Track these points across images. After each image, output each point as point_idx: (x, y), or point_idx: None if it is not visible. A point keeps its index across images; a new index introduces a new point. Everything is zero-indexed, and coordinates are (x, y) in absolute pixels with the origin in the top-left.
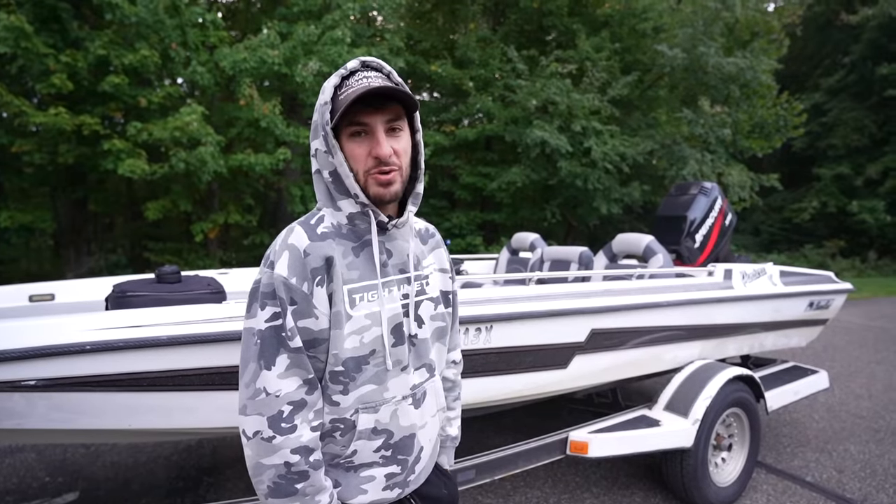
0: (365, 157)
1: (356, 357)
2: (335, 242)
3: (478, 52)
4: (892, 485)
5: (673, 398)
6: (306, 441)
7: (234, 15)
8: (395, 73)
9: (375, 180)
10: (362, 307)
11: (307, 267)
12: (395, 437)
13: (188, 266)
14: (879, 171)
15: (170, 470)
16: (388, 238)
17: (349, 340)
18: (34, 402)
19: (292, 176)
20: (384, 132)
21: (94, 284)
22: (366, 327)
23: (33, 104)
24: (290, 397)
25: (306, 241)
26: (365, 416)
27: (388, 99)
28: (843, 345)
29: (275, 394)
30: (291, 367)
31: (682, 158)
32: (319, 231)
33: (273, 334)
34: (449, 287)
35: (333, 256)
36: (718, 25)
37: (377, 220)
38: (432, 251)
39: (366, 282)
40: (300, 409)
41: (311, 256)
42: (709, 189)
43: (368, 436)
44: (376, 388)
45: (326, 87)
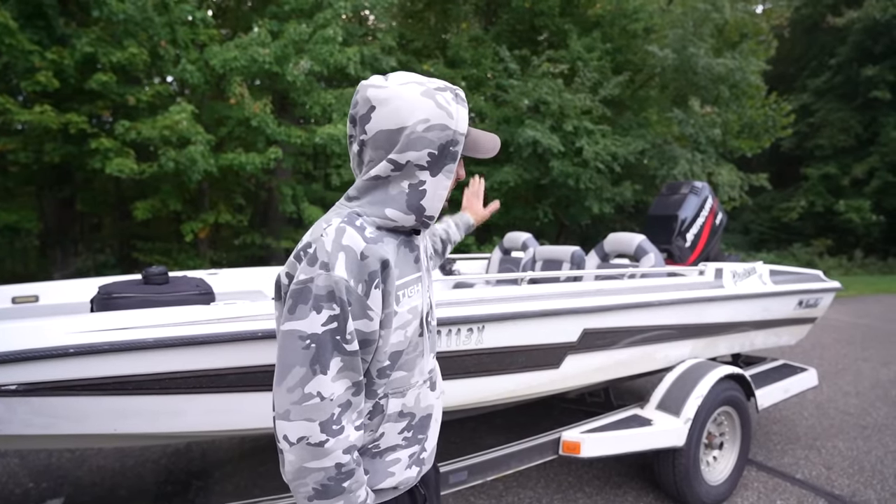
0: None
1: (398, 350)
2: (385, 244)
3: (470, 52)
4: (879, 481)
5: (665, 397)
6: (354, 440)
7: (224, 13)
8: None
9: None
10: (405, 303)
11: (365, 269)
12: (416, 418)
13: (178, 266)
14: (865, 171)
15: (158, 474)
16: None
17: (395, 335)
18: (14, 407)
19: (283, 175)
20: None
21: (79, 286)
22: (408, 321)
23: (18, 102)
24: (340, 400)
25: (363, 244)
26: (394, 400)
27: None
28: (830, 343)
29: (329, 398)
30: (344, 369)
31: (673, 158)
32: (369, 235)
33: (330, 338)
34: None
35: (389, 259)
36: (708, 27)
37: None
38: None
39: (406, 278)
40: (346, 409)
41: (369, 259)
42: (699, 188)
43: (395, 419)
44: (406, 374)
45: (458, 116)
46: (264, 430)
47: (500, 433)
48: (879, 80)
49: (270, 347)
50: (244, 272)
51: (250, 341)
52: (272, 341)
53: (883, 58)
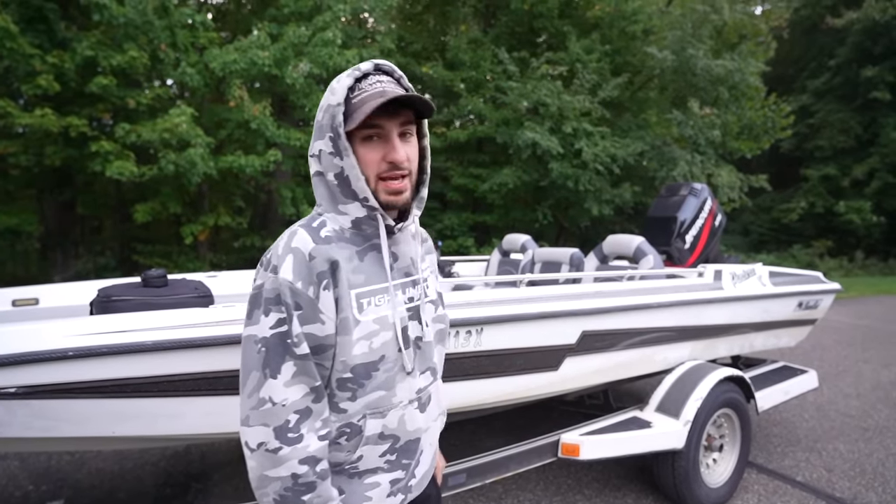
0: (378, 162)
1: (366, 363)
2: (338, 246)
3: (469, 54)
4: (880, 483)
5: (664, 399)
6: (314, 451)
7: (224, 16)
8: (405, 77)
9: (386, 188)
10: (370, 312)
11: (313, 271)
12: (401, 442)
13: (178, 268)
14: (865, 172)
15: (157, 476)
16: (394, 242)
17: (358, 346)
18: (14, 409)
19: (283, 178)
20: (398, 137)
21: (79, 288)
22: (374, 332)
23: (19, 105)
24: (297, 406)
25: (311, 244)
26: (373, 421)
27: (404, 104)
28: (831, 344)
29: (281, 403)
30: (298, 374)
31: (672, 160)
32: (323, 234)
33: (279, 341)
34: (440, 289)
35: (339, 260)
36: (707, 28)
37: (385, 223)
38: (427, 254)
39: (373, 286)
40: (306, 417)
41: (316, 260)
42: (698, 190)
43: (375, 441)
44: (385, 393)
45: (338, 88)
46: None
47: (499, 435)
48: (879, 81)
49: None
50: (243, 275)
51: None
52: None
53: (882, 59)
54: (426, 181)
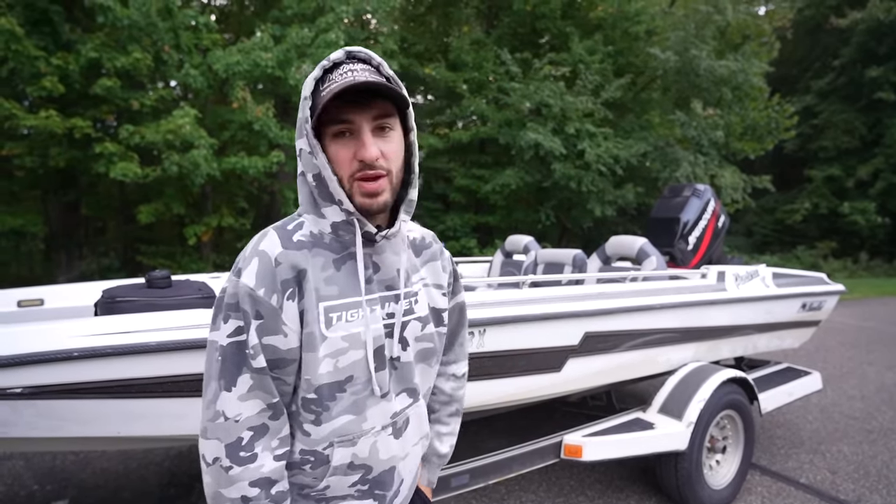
0: (349, 160)
1: (330, 383)
2: (311, 253)
3: (471, 55)
4: (885, 486)
5: (667, 401)
6: (268, 472)
7: (227, 18)
8: (386, 64)
9: (361, 189)
10: (339, 328)
11: (277, 278)
12: (374, 472)
13: (181, 269)
14: (870, 173)
15: (161, 476)
16: (376, 251)
17: (324, 365)
18: (20, 410)
19: (286, 179)
20: (371, 132)
21: (83, 289)
22: (342, 350)
23: (24, 107)
24: (251, 422)
25: (279, 249)
26: (341, 450)
27: (377, 94)
28: (835, 346)
29: (234, 418)
30: (254, 388)
31: (675, 161)
32: (296, 238)
33: (235, 351)
34: (442, 304)
35: (307, 269)
36: (710, 29)
37: (363, 230)
38: (426, 264)
39: (346, 299)
40: (262, 435)
41: (282, 266)
42: (701, 191)
43: (344, 471)
44: (354, 418)
45: (308, 80)
46: None
47: (501, 437)
48: (884, 82)
49: None
50: None
51: None
52: None
53: (887, 59)
54: (414, 182)
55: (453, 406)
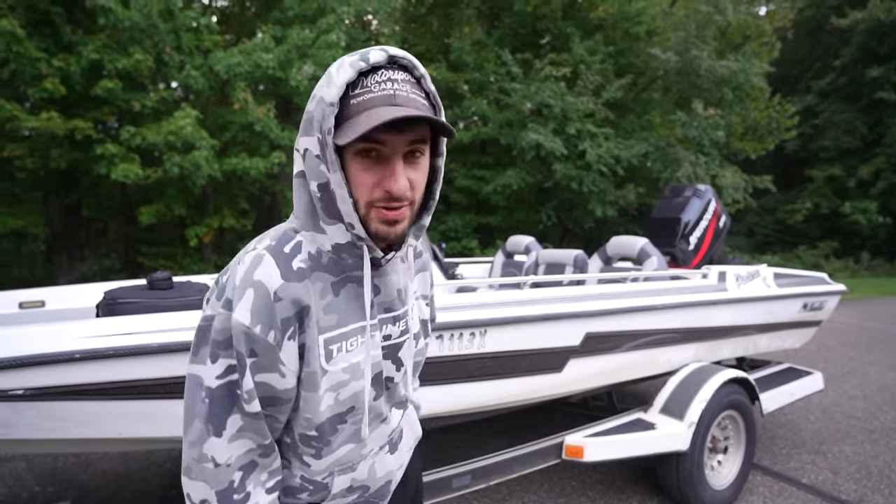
0: (371, 187)
1: (331, 417)
2: (311, 282)
3: (472, 56)
4: (887, 486)
5: (668, 401)
6: None
7: (228, 19)
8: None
9: (380, 216)
10: (340, 360)
11: (276, 315)
12: (372, 490)
13: (183, 270)
14: (871, 173)
15: (163, 478)
16: (379, 273)
17: (326, 402)
18: (21, 411)
19: (287, 180)
20: (402, 158)
21: (85, 291)
22: (343, 383)
23: (25, 108)
24: (241, 461)
25: (278, 281)
26: (341, 477)
27: (426, 121)
28: (836, 346)
29: (225, 464)
30: (245, 430)
31: (676, 161)
32: (296, 267)
33: (226, 393)
34: (426, 315)
35: (310, 305)
36: (711, 29)
37: (371, 255)
38: (418, 274)
39: (345, 328)
40: (251, 471)
41: (283, 302)
42: (702, 191)
43: (343, 495)
44: (355, 446)
45: (335, 80)
46: None
47: (502, 437)
48: (885, 81)
49: None
50: None
51: None
52: None
53: (888, 59)
54: (432, 207)
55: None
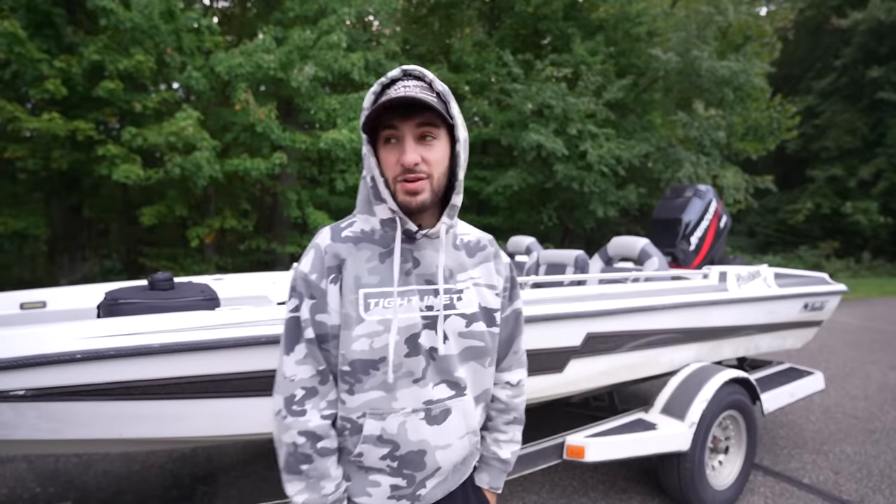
0: (394, 164)
1: (364, 360)
2: (357, 247)
3: (473, 57)
4: (888, 486)
5: (669, 401)
6: (314, 427)
7: (229, 20)
8: (438, 81)
9: (402, 188)
10: (376, 312)
11: (324, 265)
12: (402, 450)
13: (184, 271)
14: (872, 173)
15: (164, 479)
16: (417, 247)
17: (358, 343)
18: (22, 412)
19: (288, 180)
20: (414, 139)
21: (86, 292)
22: (377, 332)
23: (27, 109)
24: (304, 383)
25: (328, 241)
26: (371, 421)
27: (422, 106)
28: (838, 346)
29: (290, 378)
30: (307, 356)
31: (678, 161)
32: (343, 234)
33: (294, 324)
34: (494, 304)
35: (347, 259)
36: (711, 29)
37: (404, 227)
38: (480, 265)
39: (384, 288)
40: (311, 396)
41: (328, 255)
42: (703, 192)
43: (374, 442)
44: (384, 395)
45: (368, 94)
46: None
47: None
48: (885, 82)
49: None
50: (249, 277)
51: (255, 346)
52: (276, 346)
53: (888, 59)
54: (457, 187)
55: (510, 414)
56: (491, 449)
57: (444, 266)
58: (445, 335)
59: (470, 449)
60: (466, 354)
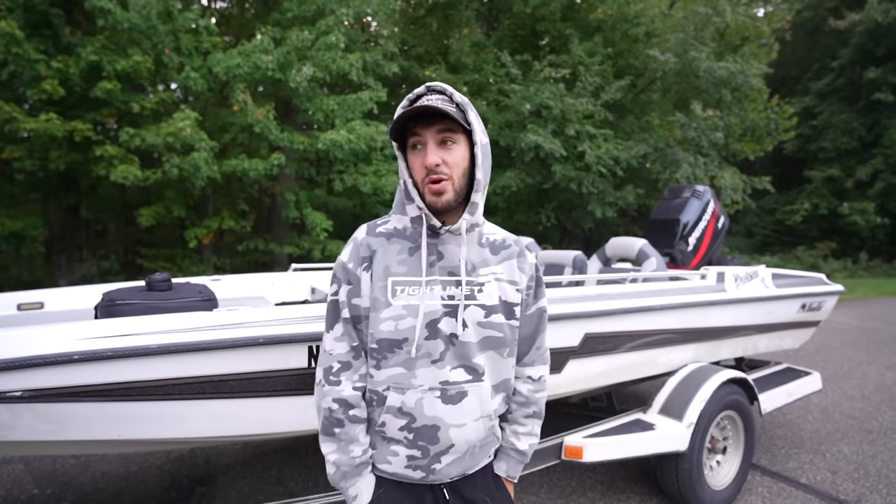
0: (420, 167)
1: (390, 339)
2: (388, 241)
3: (472, 57)
4: (885, 486)
5: (667, 402)
6: (346, 396)
7: (227, 20)
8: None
9: (428, 189)
10: (402, 298)
11: (359, 255)
12: (418, 423)
13: (182, 272)
14: (869, 174)
15: (162, 480)
16: (441, 242)
17: (385, 324)
18: (20, 413)
19: (286, 181)
20: (436, 143)
21: (83, 292)
22: (401, 316)
23: (24, 110)
24: (340, 357)
25: (363, 235)
26: (393, 394)
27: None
28: (835, 346)
29: (329, 352)
30: (344, 334)
31: (676, 162)
32: (378, 230)
33: (334, 306)
34: (514, 299)
35: (377, 250)
36: (709, 30)
37: (429, 223)
38: (503, 262)
39: (411, 277)
40: (346, 369)
41: (362, 246)
42: (701, 192)
43: (395, 413)
44: (405, 372)
45: (399, 108)
46: (267, 435)
47: None
48: (882, 83)
49: (274, 353)
50: (247, 278)
51: (253, 347)
52: (275, 347)
53: (885, 60)
54: (478, 188)
55: (530, 408)
56: (510, 440)
57: (466, 260)
58: (465, 323)
59: (485, 433)
60: (485, 343)
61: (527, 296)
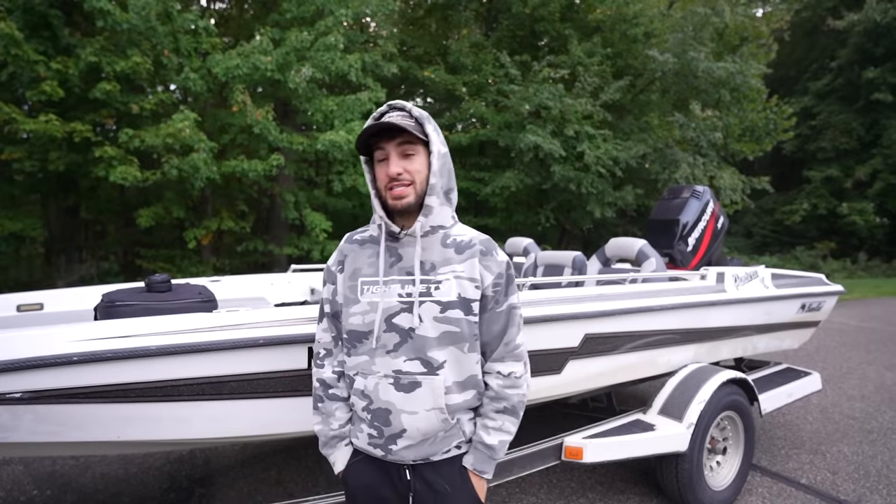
0: (384, 176)
1: (357, 331)
2: (360, 246)
3: (471, 58)
4: (885, 486)
5: (667, 402)
6: (326, 377)
7: (226, 21)
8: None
9: (390, 194)
10: (367, 296)
11: (337, 259)
12: (374, 405)
13: (181, 273)
14: (868, 174)
15: (161, 481)
16: (401, 245)
17: (354, 318)
18: (20, 414)
19: (285, 182)
20: (398, 155)
21: (83, 293)
22: (367, 311)
23: (23, 111)
24: (325, 345)
25: (343, 242)
26: (359, 378)
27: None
28: (834, 346)
29: (318, 340)
30: (328, 327)
31: (675, 162)
32: (354, 238)
33: (322, 302)
34: (472, 295)
35: (348, 255)
36: (708, 31)
37: (388, 230)
38: (466, 260)
39: (374, 277)
40: (329, 355)
41: (339, 252)
42: (700, 193)
43: (359, 395)
44: (368, 360)
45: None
46: (267, 436)
47: None
48: (881, 83)
49: (273, 354)
50: (247, 279)
51: (252, 348)
52: (274, 348)
53: (884, 60)
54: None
55: (500, 403)
56: (479, 433)
57: (426, 260)
58: (420, 318)
59: (440, 424)
60: (445, 339)
61: (495, 293)
